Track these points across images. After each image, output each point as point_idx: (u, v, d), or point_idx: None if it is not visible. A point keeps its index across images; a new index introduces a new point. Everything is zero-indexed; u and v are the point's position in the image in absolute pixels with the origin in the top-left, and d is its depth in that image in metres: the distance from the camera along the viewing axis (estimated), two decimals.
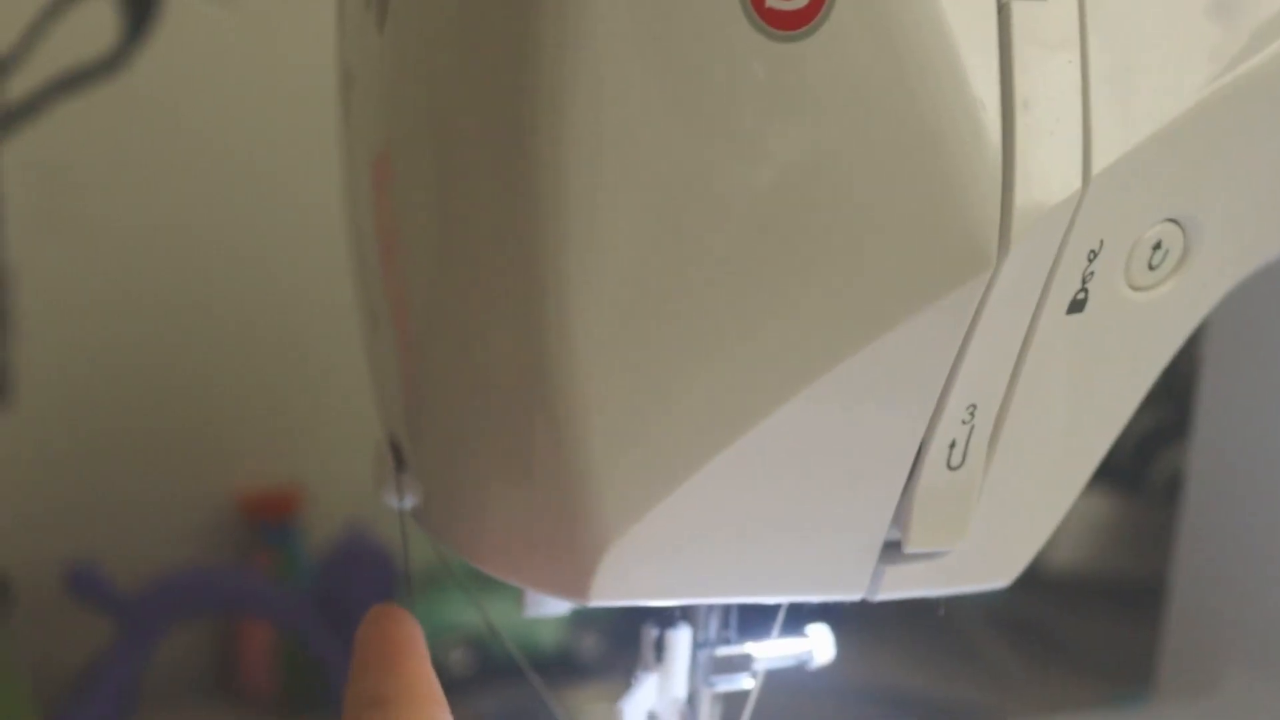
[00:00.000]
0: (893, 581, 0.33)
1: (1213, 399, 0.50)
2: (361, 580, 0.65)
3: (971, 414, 0.31)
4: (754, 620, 0.38)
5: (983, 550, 0.33)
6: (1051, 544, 0.35)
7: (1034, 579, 0.36)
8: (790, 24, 0.27)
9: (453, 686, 0.33)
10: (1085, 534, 0.67)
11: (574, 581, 0.31)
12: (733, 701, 0.38)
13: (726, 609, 0.37)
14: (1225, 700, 0.50)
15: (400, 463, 0.36)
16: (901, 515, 0.32)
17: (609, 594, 0.31)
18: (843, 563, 0.33)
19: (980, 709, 0.63)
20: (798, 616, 0.38)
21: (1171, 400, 0.35)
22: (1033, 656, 0.68)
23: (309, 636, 0.63)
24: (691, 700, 0.37)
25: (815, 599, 0.34)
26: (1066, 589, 0.68)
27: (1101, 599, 0.69)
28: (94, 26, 0.64)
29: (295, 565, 0.68)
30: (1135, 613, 0.66)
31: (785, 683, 0.38)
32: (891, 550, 0.33)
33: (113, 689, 0.61)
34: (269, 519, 0.68)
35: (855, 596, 0.33)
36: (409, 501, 0.36)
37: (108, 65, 0.65)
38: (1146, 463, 0.68)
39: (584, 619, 0.68)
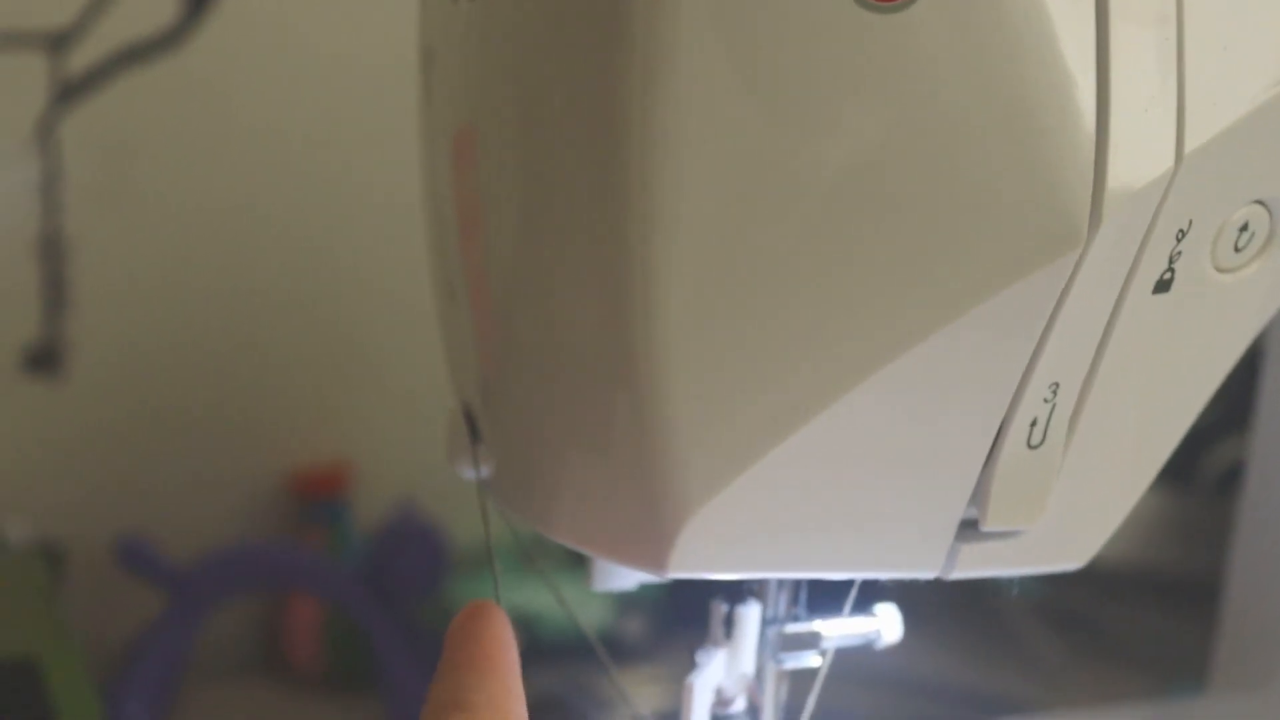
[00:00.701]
0: (967, 560, 0.33)
1: (1275, 391, 0.50)
2: (410, 559, 0.65)
3: (1054, 392, 0.31)
4: (822, 598, 0.38)
5: (1058, 531, 0.33)
6: None
7: (1082, 572, 0.36)
8: None
9: None
10: (1134, 528, 0.67)
11: (652, 553, 0.31)
12: (798, 680, 0.38)
13: (796, 586, 0.37)
14: None
15: (475, 433, 0.36)
16: (980, 493, 0.32)
17: (686, 566, 0.32)
18: (919, 540, 0.33)
19: (1028, 702, 0.63)
20: (862, 597, 0.38)
21: (1223, 395, 0.35)
22: (1081, 649, 0.68)
23: (357, 614, 0.63)
24: (758, 676, 0.37)
25: (889, 577, 0.34)
26: (1115, 583, 0.68)
27: (1150, 593, 0.69)
28: (155, 2, 0.65)
29: (344, 543, 0.68)
30: (1184, 607, 0.66)
31: (830, 673, 0.38)
32: (967, 529, 0.33)
33: (161, 661, 0.62)
34: (319, 497, 0.68)
35: (930, 575, 0.33)
36: (483, 472, 0.36)
37: (168, 41, 0.65)
38: (1197, 457, 0.67)
39: (629, 604, 0.68)
